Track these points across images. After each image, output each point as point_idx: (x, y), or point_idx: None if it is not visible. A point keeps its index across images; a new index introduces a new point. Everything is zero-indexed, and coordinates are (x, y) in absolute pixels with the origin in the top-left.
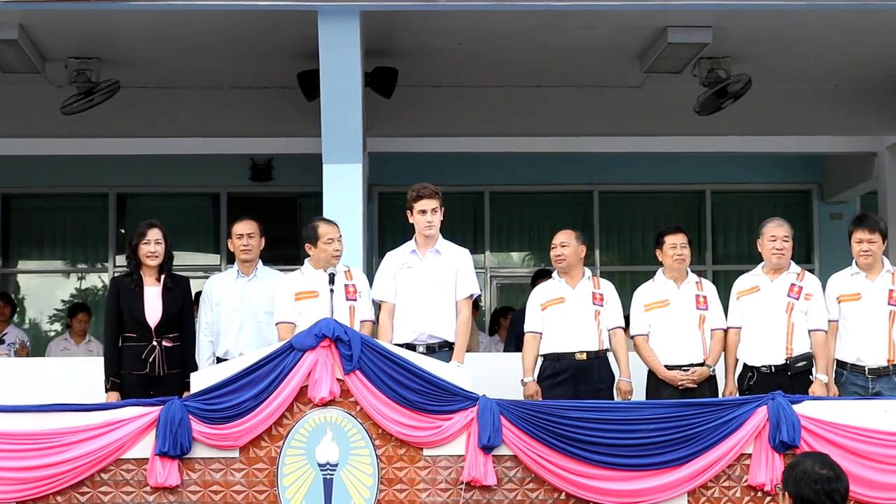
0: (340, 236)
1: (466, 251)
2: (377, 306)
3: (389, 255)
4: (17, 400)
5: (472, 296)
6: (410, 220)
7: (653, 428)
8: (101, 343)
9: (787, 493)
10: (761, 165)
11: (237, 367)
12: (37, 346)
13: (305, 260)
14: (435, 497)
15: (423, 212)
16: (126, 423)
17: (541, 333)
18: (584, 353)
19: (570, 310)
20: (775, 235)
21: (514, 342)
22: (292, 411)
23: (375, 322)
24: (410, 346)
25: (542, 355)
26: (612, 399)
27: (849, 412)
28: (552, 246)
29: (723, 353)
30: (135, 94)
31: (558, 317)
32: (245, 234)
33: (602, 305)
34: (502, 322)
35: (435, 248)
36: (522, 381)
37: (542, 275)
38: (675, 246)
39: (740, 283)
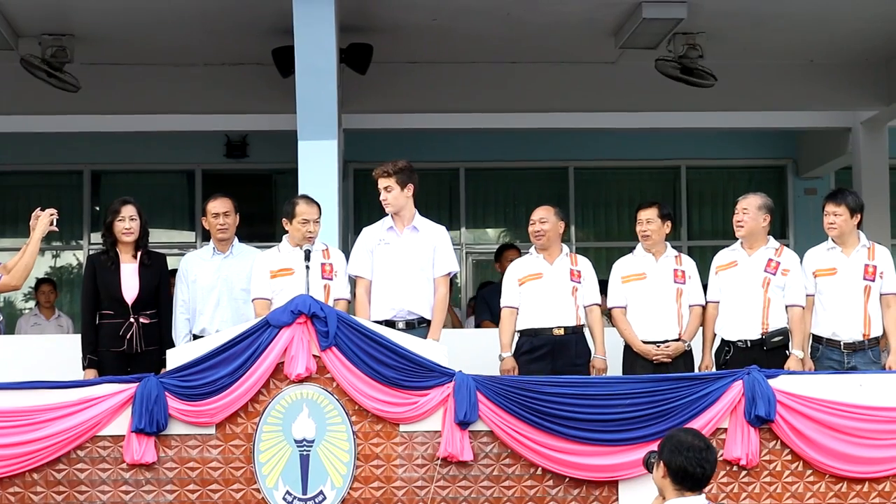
0: (318, 218)
1: (444, 228)
2: (353, 282)
3: (366, 230)
4: None
5: (449, 273)
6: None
7: (628, 403)
8: (70, 318)
9: (662, 463)
10: (736, 141)
11: (213, 344)
12: (11, 324)
13: (284, 236)
14: (411, 473)
15: (381, 190)
16: (102, 400)
17: (517, 309)
18: (562, 329)
19: (548, 286)
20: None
21: (488, 315)
22: (268, 388)
23: (350, 301)
24: (390, 323)
25: (518, 331)
26: (588, 375)
27: (824, 386)
28: (531, 222)
29: (701, 327)
30: (109, 71)
31: (536, 292)
32: (221, 212)
33: (580, 282)
34: None
35: (412, 224)
36: (500, 356)
37: (507, 248)
38: (641, 221)
39: (719, 258)
